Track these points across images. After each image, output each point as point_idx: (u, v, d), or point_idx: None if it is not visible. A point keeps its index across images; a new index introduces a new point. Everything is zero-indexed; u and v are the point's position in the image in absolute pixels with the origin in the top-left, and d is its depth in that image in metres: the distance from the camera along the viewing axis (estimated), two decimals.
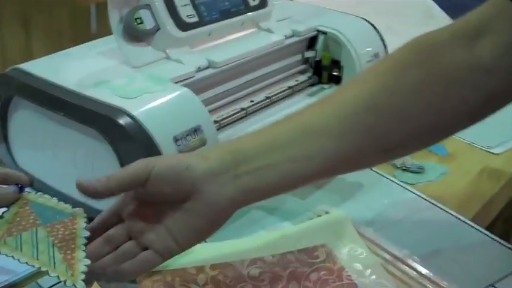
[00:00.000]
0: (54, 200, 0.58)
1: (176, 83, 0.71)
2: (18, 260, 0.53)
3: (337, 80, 0.94)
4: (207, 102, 0.76)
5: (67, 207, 0.58)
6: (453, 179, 0.81)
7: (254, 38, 0.86)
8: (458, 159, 0.87)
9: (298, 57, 0.93)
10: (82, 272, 0.53)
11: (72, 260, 0.54)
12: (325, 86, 0.94)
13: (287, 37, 0.88)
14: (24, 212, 0.56)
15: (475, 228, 0.72)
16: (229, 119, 0.80)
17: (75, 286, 0.52)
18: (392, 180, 0.81)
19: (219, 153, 0.57)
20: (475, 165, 0.85)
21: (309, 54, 0.93)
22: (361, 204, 0.75)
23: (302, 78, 0.93)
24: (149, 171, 0.54)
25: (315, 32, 0.92)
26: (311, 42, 0.93)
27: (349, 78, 0.91)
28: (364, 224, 0.71)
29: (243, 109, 0.82)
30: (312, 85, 0.94)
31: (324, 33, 0.92)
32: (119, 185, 0.55)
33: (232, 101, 0.82)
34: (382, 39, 0.94)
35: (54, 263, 0.53)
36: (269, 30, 0.88)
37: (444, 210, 0.74)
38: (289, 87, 0.90)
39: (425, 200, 0.77)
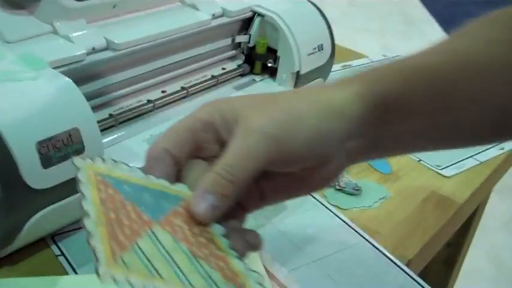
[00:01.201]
0: (138, 172, 0.40)
1: (56, 68, 0.56)
2: None
3: (271, 72, 0.79)
4: (99, 92, 0.61)
5: (167, 186, 0.40)
6: (393, 207, 0.68)
7: (173, 15, 0.70)
8: (402, 180, 0.74)
9: (228, 41, 0.78)
10: None
11: (236, 277, 0.37)
12: (257, 77, 0.80)
13: (215, 17, 0.73)
14: (109, 197, 0.37)
15: (410, 277, 0.60)
16: (130, 113, 0.65)
17: None
18: (321, 203, 0.67)
19: (362, 103, 0.42)
20: (421, 190, 0.72)
21: (241, 39, 0.78)
22: (278, 233, 0.62)
23: (231, 66, 0.78)
24: (281, 161, 0.41)
25: (250, 13, 0.77)
26: (245, 25, 0.78)
27: (284, 72, 0.77)
28: (279, 260, 0.58)
29: (149, 101, 0.67)
30: (242, 75, 0.79)
31: (261, 15, 0.77)
32: (245, 179, 0.40)
33: (138, 91, 0.67)
34: (329, 30, 0.80)
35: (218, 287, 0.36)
36: (194, 7, 0.72)
37: (377, 249, 0.62)
38: (213, 77, 0.75)
39: (356, 232, 0.64)
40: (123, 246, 0.35)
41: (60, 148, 0.51)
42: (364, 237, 0.63)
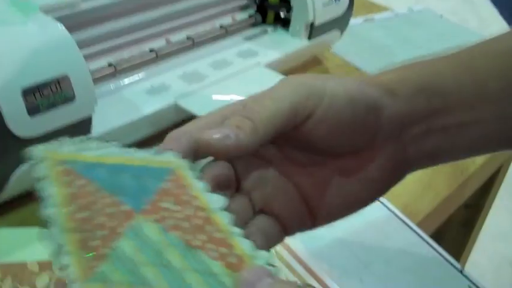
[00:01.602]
0: (113, 147, 0.33)
1: (49, 13, 0.53)
2: None
3: (284, 23, 0.76)
4: (97, 39, 0.59)
5: (151, 158, 0.33)
6: None
7: None
8: None
9: None
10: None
11: (241, 263, 0.30)
12: (269, 28, 0.76)
13: None
14: (80, 190, 0.30)
15: (420, 237, 0.57)
16: (131, 62, 0.63)
17: None
18: None
19: (409, 87, 0.38)
20: None
21: None
22: None
23: (241, 16, 0.75)
24: (312, 107, 0.35)
25: None
26: None
27: (298, 23, 0.73)
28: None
29: (152, 50, 0.65)
30: (253, 25, 0.76)
31: None
32: (266, 134, 0.34)
33: (140, 40, 0.65)
34: None
35: (222, 286, 0.29)
36: None
37: (387, 208, 0.59)
38: (222, 27, 0.72)
39: None
40: (99, 254, 0.29)
41: (48, 96, 0.48)
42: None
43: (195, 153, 0.34)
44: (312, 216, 0.39)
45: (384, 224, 0.58)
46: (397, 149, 0.38)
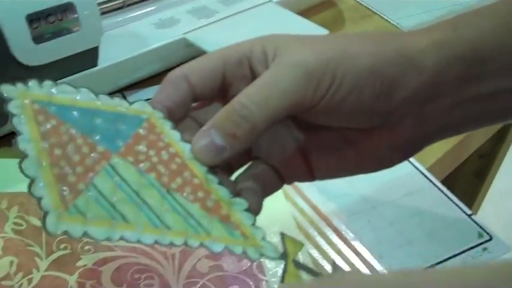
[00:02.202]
0: (86, 93, 0.32)
1: None
2: (127, 239, 0.29)
3: None
4: None
5: (125, 106, 0.33)
6: None
7: None
8: None
9: None
10: (256, 227, 0.31)
11: (218, 208, 0.31)
12: None
13: None
14: (52, 130, 0.30)
15: (430, 181, 0.56)
16: None
17: (264, 254, 0.31)
18: None
19: (444, 54, 0.33)
20: None
21: None
22: None
23: None
24: (318, 99, 0.32)
25: None
26: None
27: None
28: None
29: None
30: None
31: None
32: (265, 130, 0.32)
33: None
34: None
35: (201, 226, 0.30)
36: None
37: None
38: None
39: None
40: (75, 189, 0.29)
41: (53, 23, 0.47)
42: None
43: (192, 98, 0.34)
44: (310, 170, 0.37)
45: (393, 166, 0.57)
46: (415, 125, 0.35)
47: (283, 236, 0.31)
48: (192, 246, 0.30)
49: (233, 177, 0.36)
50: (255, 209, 0.33)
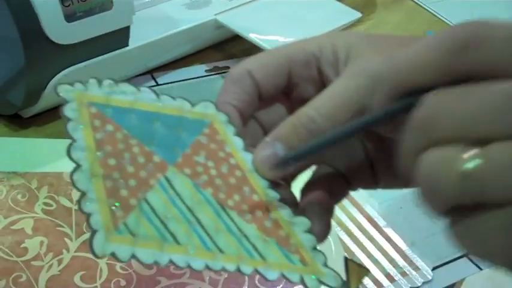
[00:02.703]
0: (147, 93, 0.30)
1: None
2: (170, 261, 0.26)
3: None
4: None
5: (187, 108, 0.30)
6: None
7: None
8: None
9: None
10: (317, 251, 0.29)
11: (277, 229, 0.29)
12: None
13: None
14: (108, 137, 0.28)
15: None
16: None
17: (324, 283, 0.28)
18: None
19: None
20: None
21: None
22: None
23: None
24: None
25: None
26: None
27: None
28: None
29: None
30: None
31: None
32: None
33: None
34: None
35: (256, 250, 0.28)
36: None
37: None
38: None
39: None
40: (127, 205, 0.26)
41: (85, 1, 0.47)
42: None
43: (258, 95, 0.31)
44: (375, 178, 0.34)
45: None
46: None
47: (346, 261, 0.28)
48: (245, 273, 0.27)
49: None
50: (322, 231, 0.30)
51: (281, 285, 0.43)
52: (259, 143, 0.29)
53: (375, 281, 0.44)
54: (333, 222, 0.47)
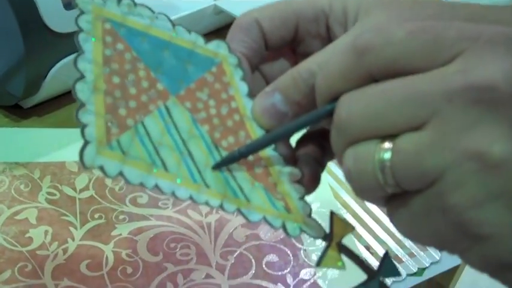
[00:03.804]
0: (164, 21, 0.30)
1: None
2: (155, 185, 0.26)
3: None
4: None
5: (200, 45, 0.30)
6: None
7: None
8: None
9: None
10: (303, 201, 0.29)
11: (266, 176, 0.29)
12: None
13: None
14: (117, 55, 0.28)
15: None
16: None
17: (303, 230, 0.28)
18: None
19: None
20: None
21: None
22: None
23: None
24: None
25: None
26: None
27: None
28: None
29: None
30: None
31: None
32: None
33: None
34: None
35: (242, 191, 0.28)
36: None
37: None
38: None
39: None
40: (123, 124, 0.26)
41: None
42: None
43: (265, 45, 0.31)
44: None
45: None
46: None
47: (332, 215, 0.28)
48: (227, 211, 0.27)
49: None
50: (310, 181, 0.30)
51: (288, 269, 0.42)
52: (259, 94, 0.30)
53: None
54: (338, 204, 0.47)
